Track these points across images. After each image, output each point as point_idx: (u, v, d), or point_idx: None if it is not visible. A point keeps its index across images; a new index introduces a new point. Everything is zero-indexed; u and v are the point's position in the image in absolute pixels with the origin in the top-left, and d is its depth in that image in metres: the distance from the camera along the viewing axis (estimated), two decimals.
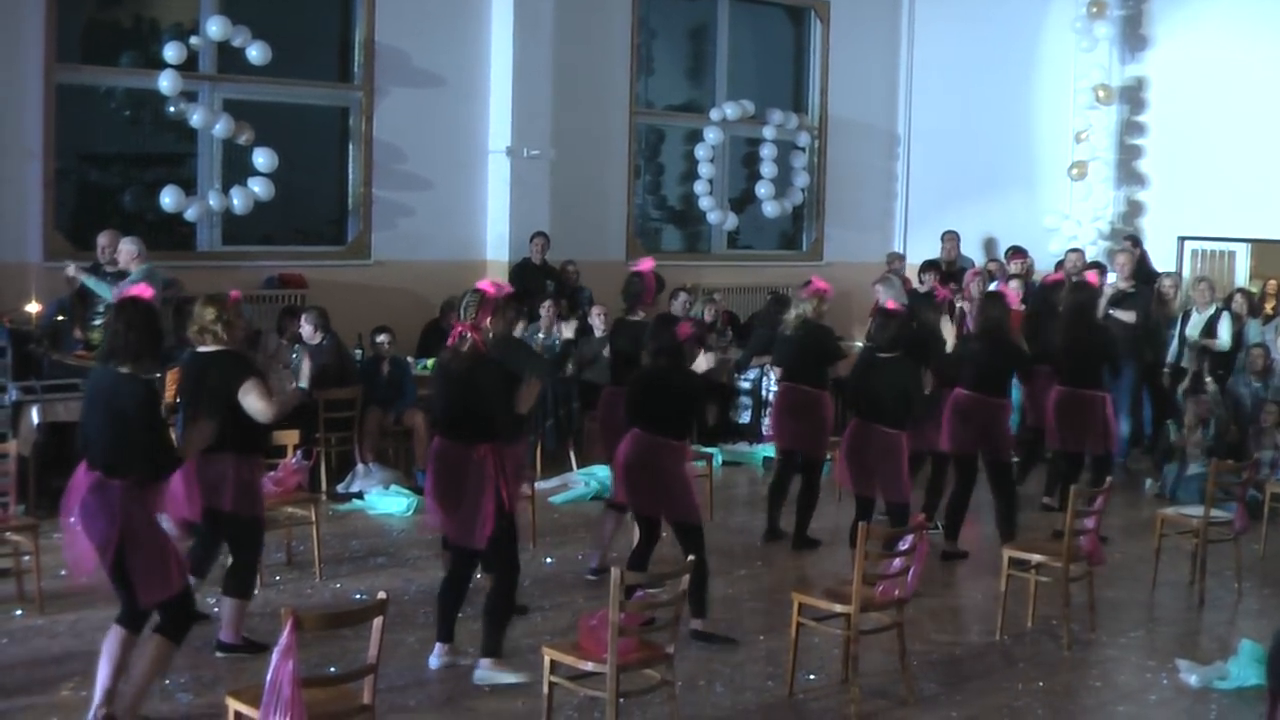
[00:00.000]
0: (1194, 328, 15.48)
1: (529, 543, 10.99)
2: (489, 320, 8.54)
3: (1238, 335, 15.48)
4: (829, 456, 12.07)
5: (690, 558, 8.24)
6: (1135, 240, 17.83)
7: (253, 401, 8.12)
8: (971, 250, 19.25)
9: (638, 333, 10.42)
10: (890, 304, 11.52)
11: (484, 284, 8.75)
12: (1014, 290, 15.31)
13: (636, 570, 9.12)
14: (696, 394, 9.52)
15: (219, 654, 8.57)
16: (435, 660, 8.54)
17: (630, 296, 10.60)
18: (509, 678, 8.38)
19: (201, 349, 8.35)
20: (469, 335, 8.41)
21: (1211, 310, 15.49)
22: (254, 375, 8.24)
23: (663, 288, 11.18)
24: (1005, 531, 11.53)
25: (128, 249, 12.66)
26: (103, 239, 13.17)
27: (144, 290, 7.70)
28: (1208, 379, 14.96)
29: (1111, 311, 14.70)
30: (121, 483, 7.16)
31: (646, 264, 10.75)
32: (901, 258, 19.63)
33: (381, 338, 13.71)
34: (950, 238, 18.85)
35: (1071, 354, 12.65)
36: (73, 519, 7.28)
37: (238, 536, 8.57)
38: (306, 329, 13.36)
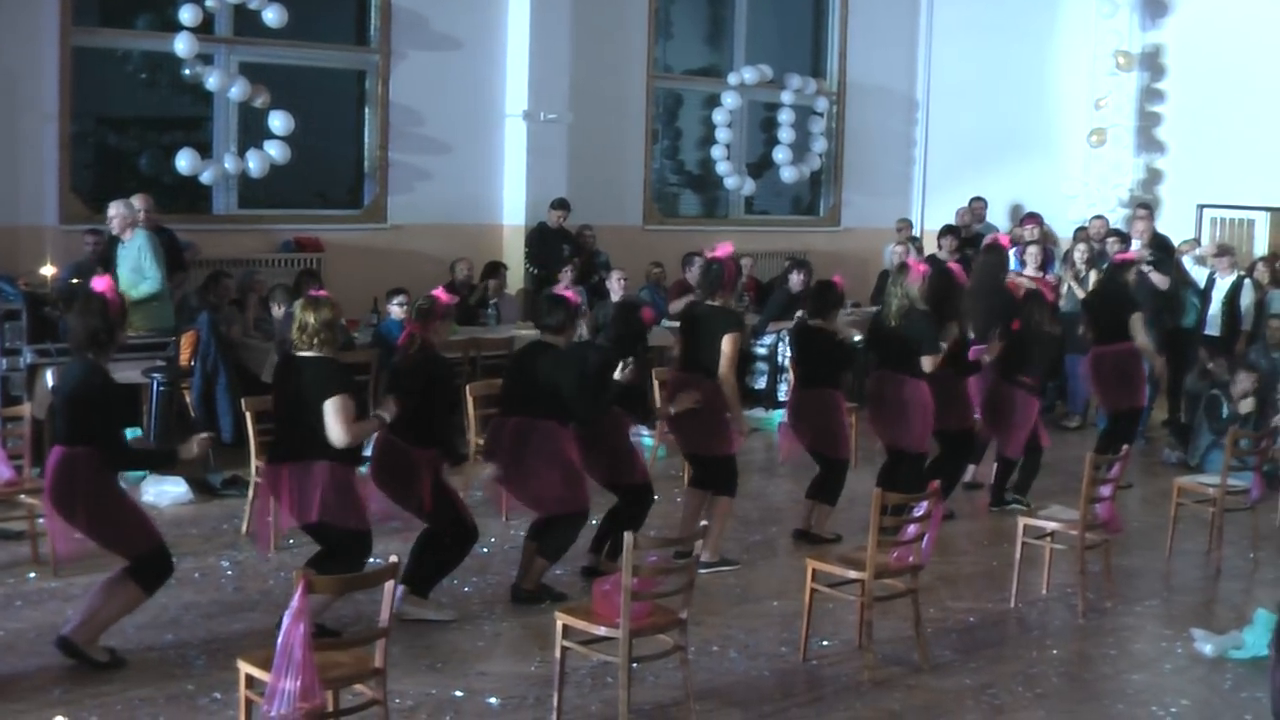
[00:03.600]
0: (1219, 293, 15.40)
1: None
2: (435, 325, 8.89)
3: (1259, 305, 15.42)
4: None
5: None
6: (1147, 208, 17.78)
7: (331, 420, 7.98)
8: (994, 217, 19.17)
9: (712, 318, 10.08)
10: (836, 278, 11.37)
11: (439, 292, 9.11)
12: (1032, 259, 15.39)
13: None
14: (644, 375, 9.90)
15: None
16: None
17: (709, 284, 10.27)
18: (433, 614, 8.82)
19: (302, 353, 8.16)
20: (418, 336, 8.81)
21: (1234, 278, 15.41)
22: (344, 392, 8.10)
23: (741, 274, 10.90)
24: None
25: (120, 213, 12.49)
26: (136, 202, 13.10)
27: (101, 283, 8.04)
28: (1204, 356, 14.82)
29: (1145, 270, 14.73)
30: (83, 451, 7.69)
31: (725, 249, 10.33)
32: (909, 224, 19.50)
33: (396, 300, 13.68)
34: (977, 203, 18.81)
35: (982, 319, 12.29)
36: (49, 497, 7.85)
37: (334, 549, 8.25)
38: (276, 309, 13.33)
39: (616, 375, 9.30)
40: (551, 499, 9.14)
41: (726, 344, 9.89)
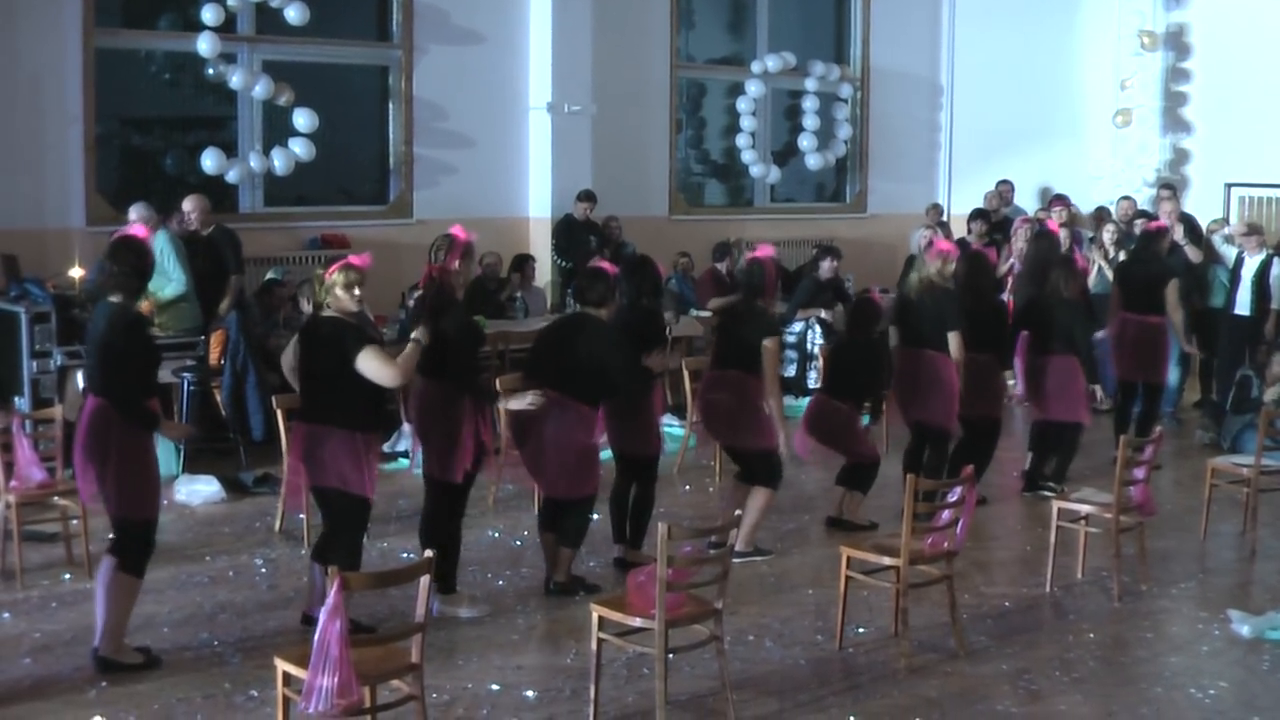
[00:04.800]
0: (1248, 272, 15.32)
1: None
2: (457, 264, 8.74)
3: None
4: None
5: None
6: (1171, 188, 17.69)
7: (373, 370, 7.91)
8: (1021, 200, 19.11)
9: (752, 320, 10.04)
10: (874, 294, 11.42)
11: (456, 229, 8.93)
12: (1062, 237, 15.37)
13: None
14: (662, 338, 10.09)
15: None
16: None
17: (750, 288, 10.19)
18: (465, 611, 8.79)
19: (325, 314, 8.14)
20: (437, 278, 8.66)
21: (1263, 256, 15.31)
22: (370, 341, 8.07)
23: (782, 277, 10.85)
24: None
25: (135, 216, 12.37)
26: (187, 204, 13.12)
27: (139, 230, 8.09)
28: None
29: (1180, 243, 14.78)
30: (111, 402, 7.60)
31: (765, 250, 10.27)
32: (940, 209, 19.45)
33: (417, 294, 13.62)
34: (1004, 186, 18.75)
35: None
36: (78, 445, 7.73)
37: (341, 512, 8.20)
38: (305, 304, 13.29)
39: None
40: (563, 481, 9.09)
41: (769, 348, 9.86)
